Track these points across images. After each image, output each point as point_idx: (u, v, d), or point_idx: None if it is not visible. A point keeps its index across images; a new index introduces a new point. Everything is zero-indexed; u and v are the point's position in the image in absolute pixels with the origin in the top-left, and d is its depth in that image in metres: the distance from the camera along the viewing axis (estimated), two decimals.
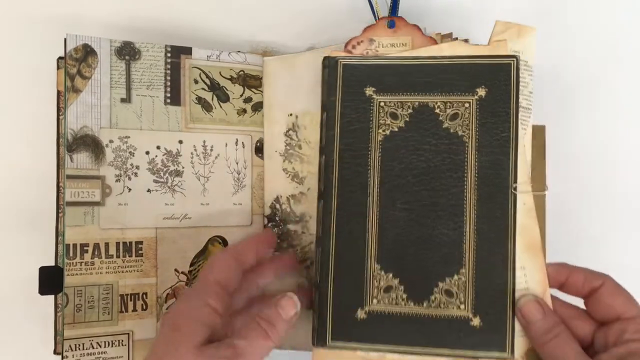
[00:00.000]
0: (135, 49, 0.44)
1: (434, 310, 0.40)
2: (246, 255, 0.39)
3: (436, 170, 0.41)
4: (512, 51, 0.41)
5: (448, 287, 0.40)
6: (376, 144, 0.42)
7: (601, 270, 0.39)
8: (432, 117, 0.41)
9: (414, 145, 0.41)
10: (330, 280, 0.41)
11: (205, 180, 0.46)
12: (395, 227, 0.41)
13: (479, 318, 0.39)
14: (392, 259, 0.41)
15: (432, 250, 0.40)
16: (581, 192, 0.50)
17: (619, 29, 0.51)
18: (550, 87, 0.50)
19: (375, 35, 0.44)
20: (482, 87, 0.41)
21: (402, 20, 0.44)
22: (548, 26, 0.51)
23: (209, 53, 0.46)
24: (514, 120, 0.40)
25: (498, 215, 0.40)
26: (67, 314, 0.42)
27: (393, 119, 0.42)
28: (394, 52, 0.43)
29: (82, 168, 0.43)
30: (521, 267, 0.40)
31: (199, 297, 0.36)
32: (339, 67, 0.43)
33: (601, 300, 0.37)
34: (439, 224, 0.40)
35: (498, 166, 0.40)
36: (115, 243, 0.43)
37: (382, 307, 0.40)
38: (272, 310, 0.38)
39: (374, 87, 0.42)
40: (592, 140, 0.51)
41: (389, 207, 0.41)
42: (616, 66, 0.51)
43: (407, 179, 0.41)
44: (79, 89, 0.43)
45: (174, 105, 0.45)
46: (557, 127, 0.50)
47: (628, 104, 0.51)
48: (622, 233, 0.50)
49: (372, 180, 0.41)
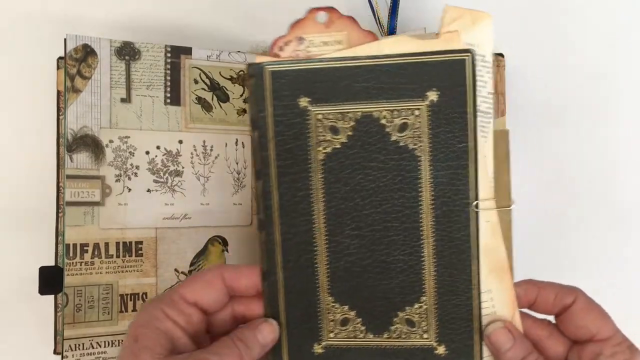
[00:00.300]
0: (135, 49, 0.44)
1: (395, 341, 0.37)
2: (238, 280, 0.37)
3: (386, 190, 0.36)
4: (466, 44, 0.35)
5: (409, 317, 0.37)
6: (317, 164, 0.36)
7: (600, 271, 0.38)
8: (378, 130, 0.36)
9: (360, 163, 0.36)
10: (282, 315, 0.37)
11: (205, 180, 0.46)
12: (346, 256, 0.37)
13: (444, 346, 0.37)
14: (346, 290, 0.37)
15: (388, 278, 0.37)
16: (582, 197, 0.50)
17: (618, 30, 0.51)
18: (546, 92, 0.51)
19: (305, 33, 0.37)
20: (433, 90, 0.35)
21: (336, 12, 0.37)
22: (549, 26, 0.51)
23: (209, 53, 0.46)
24: (472, 128, 0.35)
25: (459, 236, 0.36)
26: (67, 313, 0.42)
27: (334, 133, 0.36)
28: (328, 52, 0.37)
29: (82, 168, 0.43)
30: (487, 291, 0.36)
31: (158, 307, 0.35)
32: (266, 75, 0.36)
33: (573, 319, 0.35)
34: (393, 249, 0.36)
35: (457, 181, 0.36)
36: (115, 243, 0.43)
37: (340, 341, 0.37)
38: (251, 332, 0.36)
39: (309, 96, 0.36)
40: (589, 145, 0.51)
41: (338, 234, 0.37)
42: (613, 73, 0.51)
43: (355, 201, 0.36)
44: (79, 89, 0.43)
45: (174, 105, 0.45)
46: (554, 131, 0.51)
47: (624, 109, 0.51)
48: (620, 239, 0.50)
49: (316, 205, 0.37)
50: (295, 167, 0.37)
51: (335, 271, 0.37)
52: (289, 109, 0.36)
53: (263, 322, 0.37)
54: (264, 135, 0.37)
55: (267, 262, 0.37)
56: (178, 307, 0.35)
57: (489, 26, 0.36)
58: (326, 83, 0.36)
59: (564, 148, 0.50)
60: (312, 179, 0.37)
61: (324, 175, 0.36)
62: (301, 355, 0.38)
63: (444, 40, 0.35)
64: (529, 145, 0.50)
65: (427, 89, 0.35)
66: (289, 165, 0.37)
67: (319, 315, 0.37)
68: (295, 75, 0.36)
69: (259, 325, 0.37)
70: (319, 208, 0.37)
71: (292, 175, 0.37)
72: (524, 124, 0.50)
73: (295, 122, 0.36)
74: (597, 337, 0.35)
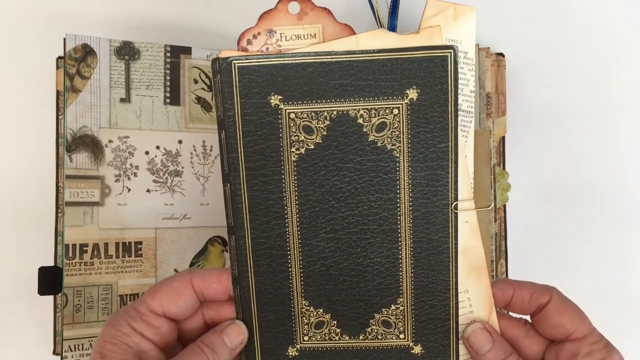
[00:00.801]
0: (135, 49, 0.44)
1: (371, 342, 0.37)
2: (208, 286, 0.35)
3: (363, 192, 0.35)
4: (448, 40, 0.34)
5: (385, 318, 0.36)
6: (290, 165, 0.35)
7: (599, 275, 0.38)
8: (355, 129, 0.35)
9: (335, 164, 0.35)
10: (254, 319, 0.37)
11: (205, 180, 0.46)
12: (321, 259, 0.36)
13: (421, 346, 0.36)
14: (321, 294, 0.36)
15: (365, 280, 0.36)
16: (582, 197, 0.50)
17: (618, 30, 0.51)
18: (546, 92, 0.50)
19: (275, 25, 0.35)
20: (412, 88, 0.34)
21: (309, 3, 0.35)
22: (549, 26, 0.51)
23: (209, 53, 0.46)
24: (452, 127, 0.34)
25: (437, 237, 0.35)
26: (66, 314, 0.42)
27: (307, 134, 0.35)
28: (301, 46, 0.35)
29: (82, 168, 0.43)
30: (465, 291, 0.36)
31: (124, 321, 0.33)
32: (234, 71, 0.34)
33: (549, 318, 0.35)
34: (370, 252, 0.36)
35: (436, 182, 0.35)
36: (114, 243, 0.43)
37: (315, 343, 0.37)
38: (217, 336, 0.35)
39: (280, 94, 0.35)
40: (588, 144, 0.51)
41: (312, 237, 0.36)
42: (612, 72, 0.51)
43: (330, 204, 0.35)
44: (78, 89, 0.43)
45: (173, 105, 0.45)
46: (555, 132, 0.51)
47: (624, 109, 0.50)
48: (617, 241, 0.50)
49: (289, 208, 0.35)
50: (266, 169, 0.35)
51: (309, 275, 0.36)
52: (259, 108, 0.35)
53: (230, 324, 0.36)
54: (232, 135, 0.35)
55: (238, 267, 0.36)
56: (145, 320, 0.34)
57: (472, 21, 0.34)
58: (299, 80, 0.34)
59: (564, 148, 0.50)
60: (285, 182, 0.35)
61: (297, 177, 0.35)
62: (275, 358, 0.37)
63: (424, 35, 0.34)
64: (528, 145, 0.50)
65: (406, 86, 0.34)
66: (259, 167, 0.35)
67: (293, 318, 0.37)
68: (266, 71, 0.34)
69: (226, 328, 0.36)
70: (292, 211, 0.36)
71: (262, 178, 0.35)
72: (524, 124, 0.50)
73: (265, 121, 0.35)
74: (573, 336, 0.34)
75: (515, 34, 0.51)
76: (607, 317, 0.37)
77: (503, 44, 0.50)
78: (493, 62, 0.47)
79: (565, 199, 0.50)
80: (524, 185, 0.50)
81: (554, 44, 0.51)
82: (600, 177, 0.50)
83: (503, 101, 0.48)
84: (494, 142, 0.46)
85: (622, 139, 0.50)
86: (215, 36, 0.51)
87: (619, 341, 0.35)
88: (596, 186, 0.50)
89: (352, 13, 0.51)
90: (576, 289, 0.37)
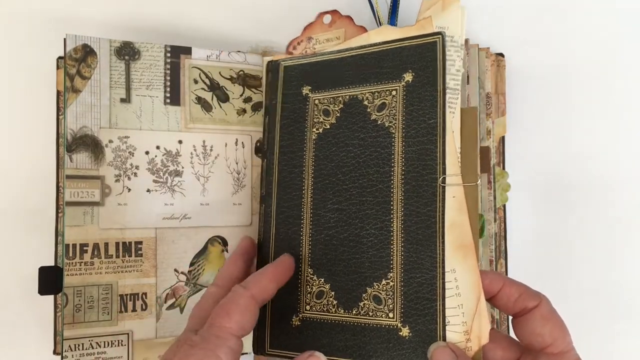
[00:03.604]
0: (135, 49, 0.44)
1: (362, 318, 0.37)
2: (268, 292, 0.36)
3: (364, 165, 0.38)
4: (438, 27, 0.38)
5: (376, 293, 0.37)
6: (310, 143, 0.40)
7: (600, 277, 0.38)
8: (361, 110, 0.39)
9: (344, 141, 0.39)
10: None
11: (205, 180, 0.46)
12: (326, 229, 0.39)
13: (408, 327, 0.36)
14: (324, 263, 0.38)
15: (360, 252, 0.38)
16: (582, 197, 0.50)
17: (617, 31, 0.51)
18: (550, 87, 0.50)
19: (313, 33, 0.44)
20: (409, 71, 0.38)
21: (337, 14, 0.44)
22: (549, 26, 0.51)
23: (209, 53, 0.46)
24: (441, 105, 0.37)
25: (425, 211, 0.36)
26: (66, 314, 0.42)
27: (325, 116, 0.40)
28: (329, 46, 0.43)
29: (82, 168, 0.43)
30: (451, 270, 0.36)
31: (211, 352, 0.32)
32: (280, 70, 0.43)
33: (531, 324, 0.34)
34: (366, 223, 0.38)
35: (425, 157, 0.37)
36: (114, 243, 0.43)
37: (315, 313, 0.39)
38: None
39: (310, 85, 0.41)
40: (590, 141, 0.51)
41: (321, 207, 0.39)
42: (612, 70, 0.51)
43: (337, 177, 0.39)
44: (79, 89, 0.43)
45: (173, 105, 0.45)
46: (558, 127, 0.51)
47: (624, 109, 0.50)
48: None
49: (306, 181, 0.40)
50: (293, 146, 0.41)
51: (315, 243, 0.39)
52: (294, 97, 0.42)
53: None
54: (272, 120, 0.42)
55: (263, 233, 0.41)
56: (228, 345, 0.33)
57: (457, 9, 0.38)
58: (324, 72, 0.41)
59: (563, 148, 0.50)
60: (305, 157, 0.41)
61: (314, 154, 0.40)
62: (282, 327, 0.39)
63: (419, 26, 0.39)
64: (528, 145, 0.50)
65: (403, 71, 0.39)
66: (288, 145, 0.41)
67: (299, 287, 0.39)
68: (301, 68, 0.42)
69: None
70: (307, 183, 0.40)
71: (290, 154, 0.41)
72: (524, 124, 0.50)
73: (297, 107, 0.42)
74: (550, 350, 0.34)
75: (515, 34, 0.51)
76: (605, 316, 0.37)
77: (503, 44, 0.50)
78: (493, 62, 0.47)
79: (565, 199, 0.50)
80: (524, 185, 0.50)
81: (554, 44, 0.51)
82: (600, 177, 0.50)
83: (503, 101, 0.48)
84: (494, 142, 0.46)
85: (622, 138, 0.50)
86: (215, 36, 0.51)
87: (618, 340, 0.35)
88: (596, 186, 0.50)
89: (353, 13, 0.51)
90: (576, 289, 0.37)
